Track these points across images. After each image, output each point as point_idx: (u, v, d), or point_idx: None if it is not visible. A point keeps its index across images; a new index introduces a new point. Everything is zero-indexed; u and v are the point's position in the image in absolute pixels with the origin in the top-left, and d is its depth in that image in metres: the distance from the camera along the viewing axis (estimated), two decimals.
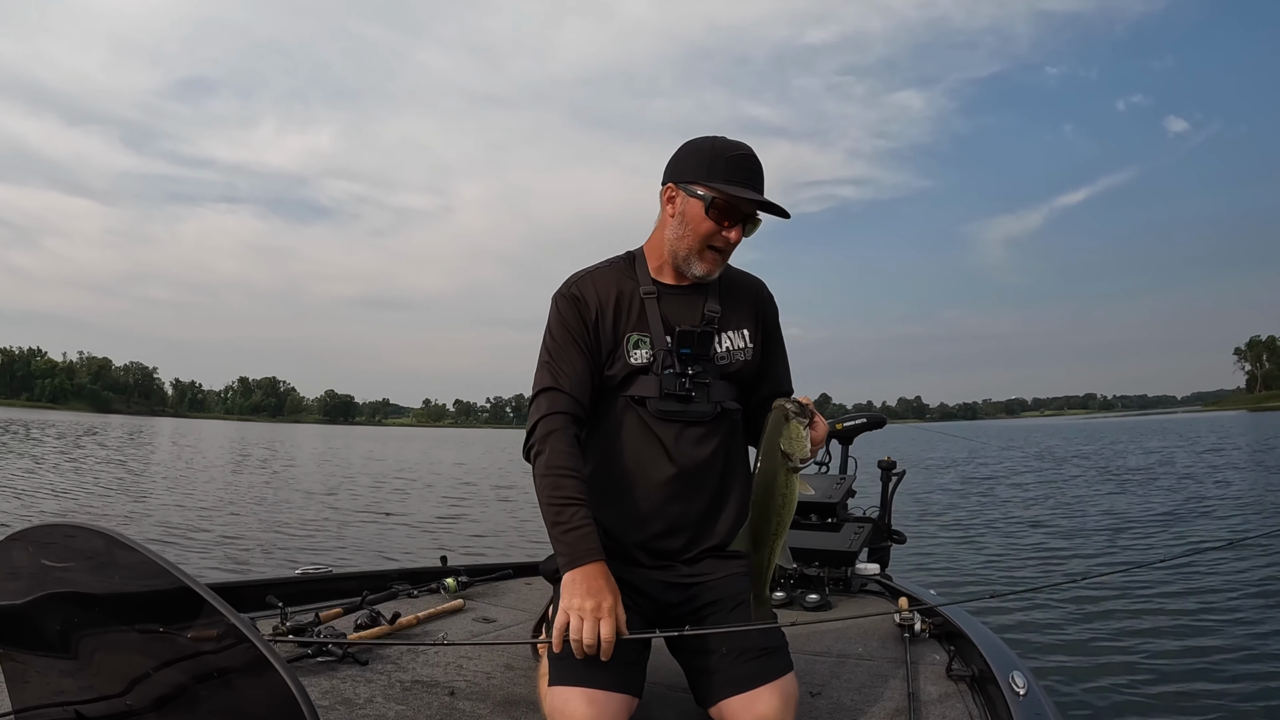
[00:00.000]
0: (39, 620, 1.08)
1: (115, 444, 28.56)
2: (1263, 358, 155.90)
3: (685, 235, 1.57)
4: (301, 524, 9.91)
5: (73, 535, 1.05)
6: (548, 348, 1.59)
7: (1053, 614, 5.08)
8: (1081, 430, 60.80)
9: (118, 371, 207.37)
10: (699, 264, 1.58)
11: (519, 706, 1.73)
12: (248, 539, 8.36)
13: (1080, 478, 15.96)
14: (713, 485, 1.62)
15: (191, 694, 0.95)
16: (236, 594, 2.19)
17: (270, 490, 14.48)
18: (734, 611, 1.54)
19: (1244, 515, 9.69)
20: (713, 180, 1.53)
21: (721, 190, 1.52)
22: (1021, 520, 9.91)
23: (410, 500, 13.66)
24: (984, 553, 7.72)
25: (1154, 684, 3.76)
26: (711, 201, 1.53)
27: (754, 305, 1.70)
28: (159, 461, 21.10)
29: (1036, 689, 1.62)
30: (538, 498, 1.48)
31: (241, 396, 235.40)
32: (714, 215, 1.54)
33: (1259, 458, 19.54)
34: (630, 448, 1.60)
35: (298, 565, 2.63)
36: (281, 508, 11.65)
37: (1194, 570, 5.98)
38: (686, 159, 1.59)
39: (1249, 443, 26.66)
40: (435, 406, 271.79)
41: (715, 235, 1.55)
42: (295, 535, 8.95)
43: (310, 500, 12.97)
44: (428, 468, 23.62)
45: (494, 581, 2.87)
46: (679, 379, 1.57)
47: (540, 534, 1.53)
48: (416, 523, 10.44)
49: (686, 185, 1.56)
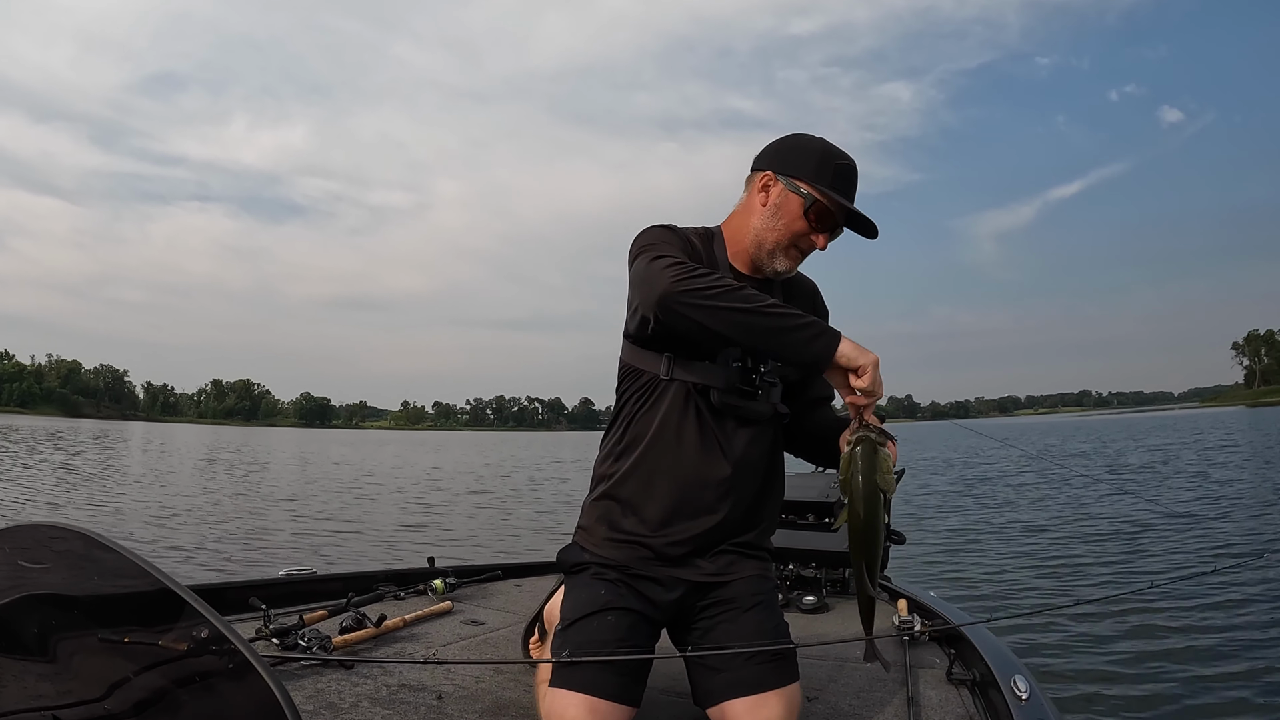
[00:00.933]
0: (16, 622, 1.05)
1: (74, 448, 27.71)
2: (1261, 352, 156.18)
3: (776, 229, 1.54)
4: (277, 529, 9.78)
5: (51, 535, 1.02)
6: (645, 247, 1.49)
7: (1054, 615, 5.09)
8: (1080, 428, 60.68)
9: (88, 375, 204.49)
10: (782, 260, 1.56)
11: (508, 710, 1.70)
12: (212, 548, 8.07)
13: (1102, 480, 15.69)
14: (756, 487, 1.58)
15: (172, 698, 0.93)
16: (218, 596, 2.16)
17: (243, 496, 14.13)
18: (749, 611, 1.52)
19: (1268, 517, 9.37)
20: (819, 183, 1.51)
21: (827, 195, 1.50)
22: (1033, 525, 9.68)
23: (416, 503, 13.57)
24: (995, 557, 7.60)
25: (1157, 685, 3.76)
26: (813, 203, 1.51)
27: (810, 308, 1.67)
28: (122, 467, 20.44)
29: (1038, 693, 1.61)
30: (733, 315, 1.33)
31: (215, 400, 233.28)
32: (811, 217, 1.52)
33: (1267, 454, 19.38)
34: (686, 440, 1.52)
35: (280, 567, 2.59)
36: (257, 513, 11.45)
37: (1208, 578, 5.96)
38: (793, 153, 1.56)
39: (1262, 439, 26.42)
40: (414, 409, 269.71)
41: (805, 237, 1.53)
42: (271, 540, 8.82)
43: (281, 504, 12.82)
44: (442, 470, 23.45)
45: (482, 583, 2.84)
46: (749, 374, 1.53)
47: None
48: (407, 526, 10.38)
49: (789, 179, 1.53)
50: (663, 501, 1.53)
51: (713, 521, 1.53)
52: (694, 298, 1.34)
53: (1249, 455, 19.46)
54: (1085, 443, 31.03)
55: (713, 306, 1.33)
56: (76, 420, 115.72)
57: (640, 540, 1.53)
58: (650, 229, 1.55)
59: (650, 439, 1.54)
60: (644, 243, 1.51)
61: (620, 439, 1.58)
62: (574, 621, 1.47)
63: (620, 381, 1.64)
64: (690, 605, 1.55)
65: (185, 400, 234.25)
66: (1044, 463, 17.19)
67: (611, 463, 1.59)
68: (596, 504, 1.60)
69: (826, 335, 1.34)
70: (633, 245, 1.54)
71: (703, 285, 1.34)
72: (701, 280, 1.35)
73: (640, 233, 1.56)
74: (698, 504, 1.53)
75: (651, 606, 1.52)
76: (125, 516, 10.34)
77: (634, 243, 1.54)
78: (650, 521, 1.53)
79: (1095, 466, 17.41)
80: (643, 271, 1.43)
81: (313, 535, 9.25)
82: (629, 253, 1.53)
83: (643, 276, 1.43)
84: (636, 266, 1.47)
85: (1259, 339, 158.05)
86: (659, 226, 1.55)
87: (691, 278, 1.35)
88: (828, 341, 1.33)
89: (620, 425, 1.59)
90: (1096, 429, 54.49)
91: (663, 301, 1.36)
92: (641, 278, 1.43)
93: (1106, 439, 35.38)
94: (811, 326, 1.34)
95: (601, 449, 1.65)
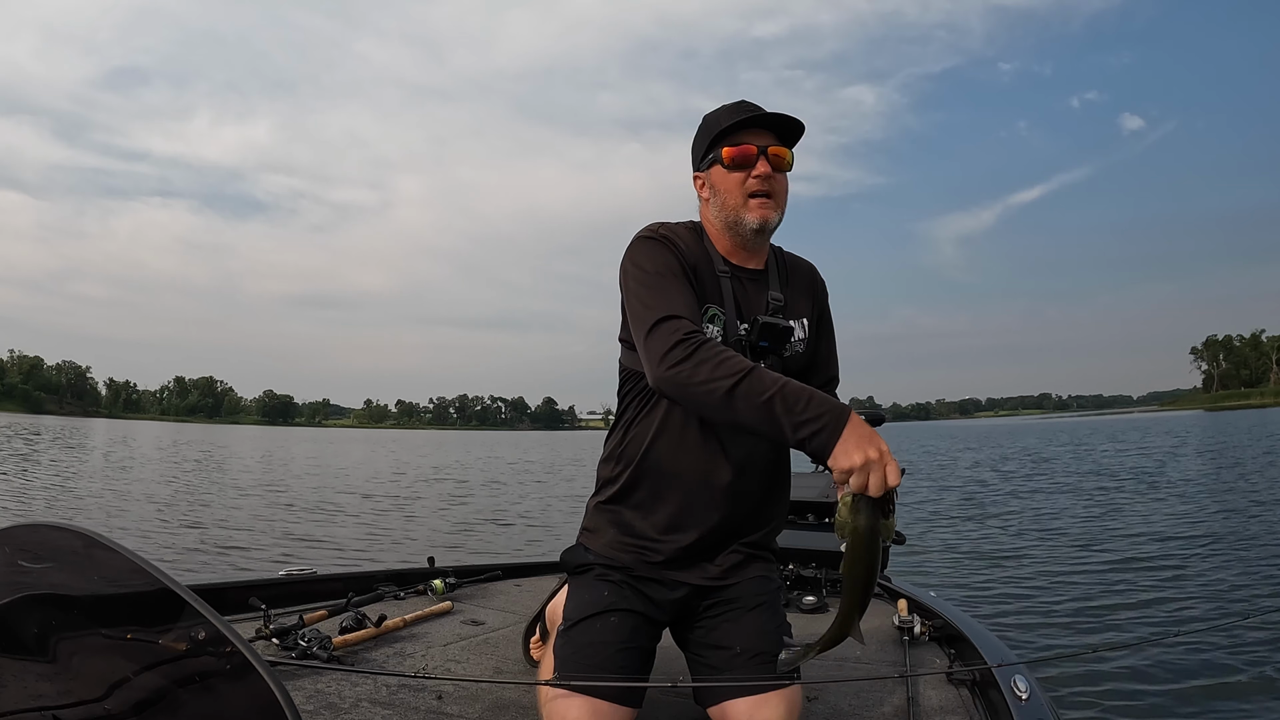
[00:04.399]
0: (15, 622, 1.05)
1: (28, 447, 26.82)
2: (1219, 357, 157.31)
3: (724, 200, 1.52)
4: (276, 529, 9.78)
5: (50, 535, 1.02)
6: (645, 285, 1.43)
7: (1055, 615, 5.09)
8: (1053, 430, 60.39)
9: (50, 371, 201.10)
10: (749, 214, 1.50)
11: (509, 710, 1.70)
12: (212, 549, 7.99)
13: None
14: (761, 488, 1.56)
15: (172, 698, 0.93)
16: (219, 596, 2.16)
17: (243, 496, 13.95)
18: (752, 612, 1.52)
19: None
20: (716, 133, 1.50)
21: (725, 137, 1.49)
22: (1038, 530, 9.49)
23: (412, 503, 13.57)
24: (1002, 561, 7.48)
25: (1160, 685, 3.75)
26: (723, 154, 1.49)
27: (810, 291, 1.66)
28: (113, 466, 20.11)
29: (1039, 693, 1.61)
30: (730, 409, 1.26)
31: (178, 397, 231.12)
32: (732, 165, 1.49)
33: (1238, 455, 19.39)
34: (689, 442, 1.50)
35: (280, 567, 2.59)
36: (256, 514, 11.43)
37: (1209, 576, 5.91)
38: (694, 145, 1.59)
39: (1240, 441, 26.47)
40: (377, 407, 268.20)
41: (746, 181, 1.49)
42: (271, 540, 8.80)
43: (280, 504, 12.81)
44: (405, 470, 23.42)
45: (482, 583, 2.84)
46: None
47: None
48: (408, 524, 10.38)
49: (704, 161, 1.55)
50: (668, 505, 1.52)
51: (719, 524, 1.53)
52: (690, 390, 1.30)
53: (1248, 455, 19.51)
54: (1062, 446, 30.73)
55: (707, 402, 1.29)
56: (39, 417, 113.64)
57: (646, 544, 1.53)
58: (645, 245, 1.50)
59: (652, 442, 1.53)
60: (639, 274, 1.45)
61: (622, 441, 1.57)
62: (577, 622, 1.47)
63: (621, 384, 1.63)
64: (694, 605, 1.55)
65: (148, 397, 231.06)
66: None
67: (615, 466, 1.58)
68: (601, 506, 1.60)
69: (823, 434, 1.22)
70: (626, 260, 1.50)
71: (700, 379, 1.28)
72: (702, 369, 1.28)
73: (634, 244, 1.51)
74: (703, 507, 1.52)
75: (654, 607, 1.52)
76: (121, 516, 10.34)
77: (627, 256, 1.50)
78: (657, 525, 1.52)
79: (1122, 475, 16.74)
80: (642, 338, 1.38)
81: (313, 535, 9.24)
82: (621, 265, 1.50)
83: (642, 344, 1.38)
84: (635, 310, 1.42)
85: (1217, 344, 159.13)
86: (654, 240, 1.50)
87: (690, 365, 1.29)
88: (822, 442, 1.22)
89: (622, 428, 1.59)
90: (1068, 431, 53.85)
91: (658, 385, 1.35)
92: (641, 344, 1.38)
93: (1080, 439, 35.10)
94: (808, 424, 1.23)
95: (604, 450, 1.64)
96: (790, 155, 1.53)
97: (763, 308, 1.55)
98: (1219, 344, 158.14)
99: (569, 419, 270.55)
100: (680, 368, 1.30)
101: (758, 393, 1.24)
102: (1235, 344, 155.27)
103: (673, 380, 1.31)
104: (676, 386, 1.31)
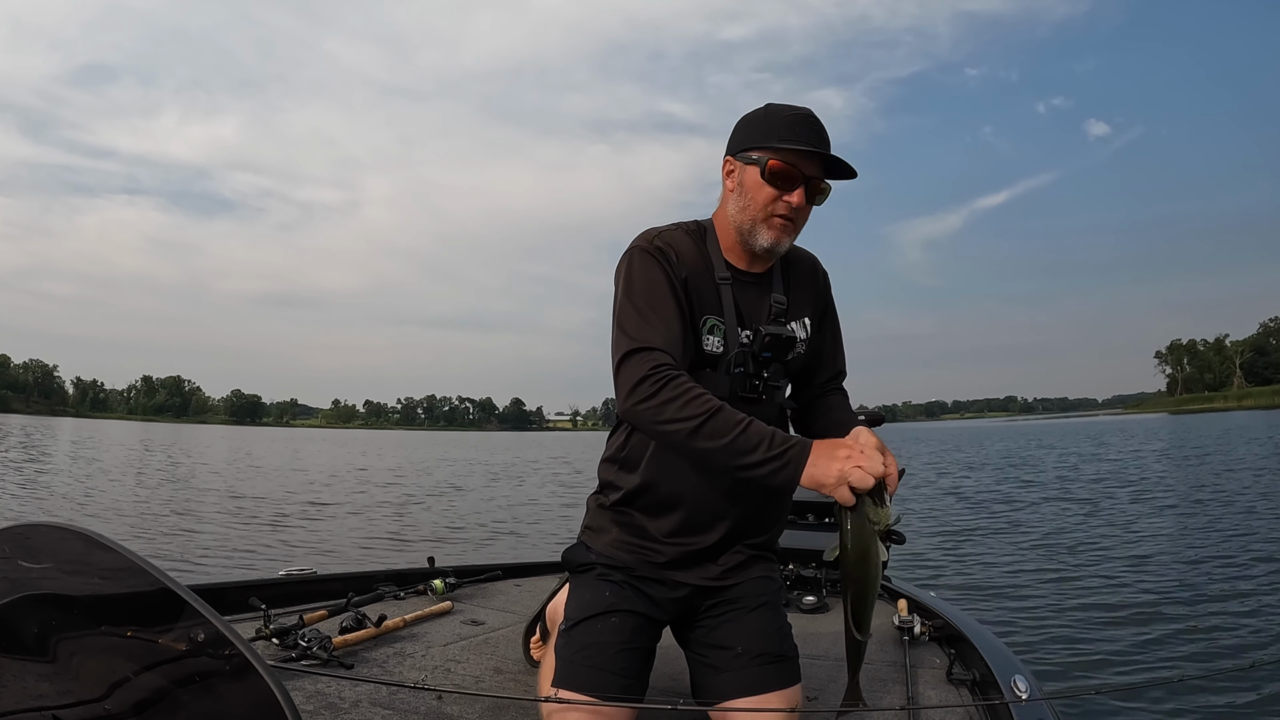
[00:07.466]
0: (15, 622, 1.05)
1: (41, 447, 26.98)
2: (1184, 361, 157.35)
3: (747, 206, 1.47)
4: (274, 529, 9.79)
5: (50, 535, 1.02)
6: (632, 305, 1.42)
7: (1055, 614, 5.08)
8: (1022, 433, 60.00)
9: (16, 369, 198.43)
10: (765, 234, 1.47)
11: (508, 711, 1.70)
12: (212, 549, 7.94)
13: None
14: (765, 491, 1.54)
15: (172, 698, 0.93)
16: (219, 596, 2.16)
17: (237, 497, 13.74)
18: (754, 612, 1.52)
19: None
20: (769, 141, 1.44)
21: (778, 150, 1.43)
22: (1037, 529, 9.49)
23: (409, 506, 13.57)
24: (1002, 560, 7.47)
25: (1162, 686, 3.74)
26: (767, 164, 1.44)
27: (813, 286, 1.64)
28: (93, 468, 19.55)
29: (1039, 693, 1.61)
30: (693, 449, 1.30)
31: (145, 396, 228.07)
32: (771, 179, 1.44)
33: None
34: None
35: (280, 567, 2.59)
36: (254, 513, 11.44)
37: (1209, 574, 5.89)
38: (742, 129, 1.51)
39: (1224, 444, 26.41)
40: (345, 407, 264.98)
41: (775, 202, 1.45)
42: (270, 540, 8.78)
43: (277, 504, 12.81)
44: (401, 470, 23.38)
45: (482, 583, 2.84)
46: (750, 379, 1.49)
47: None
48: (410, 526, 10.38)
49: (743, 154, 1.48)
50: (676, 510, 1.52)
51: (723, 527, 1.53)
52: (654, 428, 1.34)
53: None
54: (1042, 449, 30.49)
55: (671, 441, 1.33)
56: (5, 416, 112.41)
57: (650, 546, 1.53)
58: (637, 261, 1.47)
59: (653, 455, 1.52)
60: (624, 294, 1.44)
61: (624, 444, 1.57)
62: (578, 622, 1.47)
63: None
64: (695, 605, 1.55)
65: (115, 396, 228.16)
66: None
67: (616, 468, 1.58)
68: (603, 508, 1.60)
69: (789, 468, 1.26)
70: (617, 273, 1.49)
71: (665, 418, 1.30)
72: (668, 409, 1.30)
73: (627, 257, 1.49)
74: (707, 510, 1.51)
75: (656, 607, 1.52)
76: (117, 518, 10.32)
77: (619, 270, 1.49)
78: (664, 529, 1.52)
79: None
80: (615, 366, 1.40)
81: (312, 535, 9.24)
82: (614, 277, 1.49)
83: (614, 372, 1.40)
84: (614, 334, 1.42)
85: (1181, 348, 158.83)
86: (647, 255, 1.47)
87: (655, 403, 1.31)
88: (789, 475, 1.26)
89: (624, 430, 1.58)
90: (1037, 433, 53.41)
91: (624, 417, 1.40)
92: (614, 372, 1.40)
93: (1059, 444, 34.76)
94: (770, 462, 1.26)
95: (606, 450, 1.64)
96: (828, 193, 1.49)
97: (765, 313, 1.54)
98: (1183, 348, 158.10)
99: (537, 420, 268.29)
100: (646, 404, 1.32)
101: (721, 434, 1.28)
102: (1199, 348, 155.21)
103: (638, 416, 1.35)
104: (642, 423, 1.36)
